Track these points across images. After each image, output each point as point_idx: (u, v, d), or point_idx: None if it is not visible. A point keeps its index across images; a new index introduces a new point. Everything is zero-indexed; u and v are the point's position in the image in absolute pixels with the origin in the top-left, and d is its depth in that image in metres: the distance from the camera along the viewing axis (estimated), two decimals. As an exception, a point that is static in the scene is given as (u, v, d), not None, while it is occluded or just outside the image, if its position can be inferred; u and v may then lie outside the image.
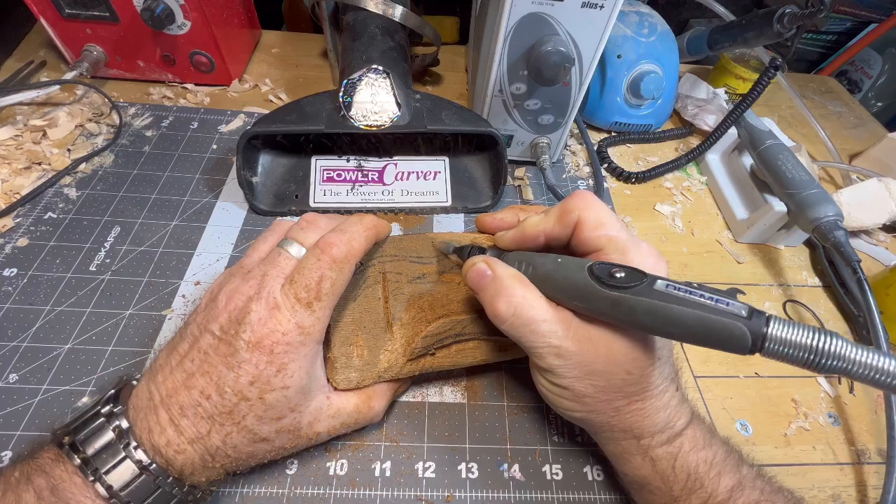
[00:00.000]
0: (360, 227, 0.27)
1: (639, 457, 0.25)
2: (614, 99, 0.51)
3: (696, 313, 0.19)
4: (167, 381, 0.23)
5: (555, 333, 0.23)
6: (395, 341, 0.29)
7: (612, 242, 0.25)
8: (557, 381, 0.25)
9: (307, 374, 0.24)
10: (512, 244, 0.29)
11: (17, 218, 0.38)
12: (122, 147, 0.45)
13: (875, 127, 0.62)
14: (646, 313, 0.20)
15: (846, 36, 0.78)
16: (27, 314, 0.33)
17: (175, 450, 0.22)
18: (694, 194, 0.49)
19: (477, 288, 0.26)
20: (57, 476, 0.20)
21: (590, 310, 0.23)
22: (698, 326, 0.19)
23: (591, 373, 0.24)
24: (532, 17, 0.35)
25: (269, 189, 0.41)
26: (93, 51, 0.47)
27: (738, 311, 0.19)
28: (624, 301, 0.21)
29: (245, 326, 0.23)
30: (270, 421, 0.24)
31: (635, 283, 0.21)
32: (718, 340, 0.19)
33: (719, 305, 0.19)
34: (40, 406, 0.29)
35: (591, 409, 0.25)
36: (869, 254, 0.46)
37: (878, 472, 0.32)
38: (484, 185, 0.44)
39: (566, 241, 0.27)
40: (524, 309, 0.24)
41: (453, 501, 0.28)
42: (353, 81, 0.37)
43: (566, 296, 0.24)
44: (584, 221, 0.26)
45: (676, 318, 0.20)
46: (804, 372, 0.36)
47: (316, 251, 0.25)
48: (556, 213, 0.27)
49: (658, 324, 0.20)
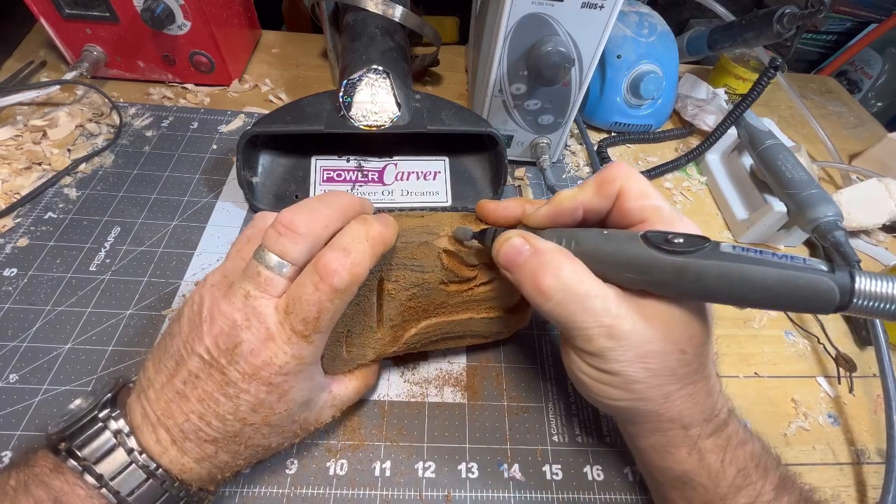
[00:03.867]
0: (365, 245, 0.23)
1: (684, 449, 0.23)
2: (614, 99, 0.51)
3: (775, 271, 0.18)
4: (159, 400, 0.22)
5: (608, 311, 0.21)
6: (384, 338, 0.29)
7: (657, 213, 0.23)
8: (606, 365, 0.22)
9: (309, 390, 0.24)
10: (545, 220, 0.26)
11: (18, 218, 0.38)
12: (122, 147, 0.45)
13: (875, 127, 0.62)
14: (718, 277, 0.19)
15: (846, 36, 0.78)
16: (27, 314, 0.33)
17: (180, 469, 0.21)
18: (694, 194, 0.49)
19: (512, 265, 0.23)
20: (58, 488, 0.19)
21: (648, 282, 0.21)
22: (780, 286, 0.18)
23: (645, 354, 0.21)
24: (532, 17, 0.35)
25: (269, 189, 0.41)
26: (93, 51, 0.47)
27: (818, 266, 0.18)
28: (691, 266, 0.19)
29: (237, 357, 0.21)
30: (277, 435, 0.24)
31: (699, 247, 0.19)
32: (802, 298, 0.18)
33: (796, 262, 0.18)
34: (40, 406, 0.29)
35: (640, 397, 0.22)
36: (868, 254, 0.46)
37: (877, 472, 0.32)
38: (484, 185, 0.44)
39: (604, 215, 0.25)
40: (574, 283, 0.21)
41: (453, 501, 0.28)
42: (353, 81, 0.37)
43: (620, 269, 0.22)
44: (628, 191, 0.23)
45: (754, 278, 0.18)
46: (804, 372, 0.37)
47: (314, 277, 0.21)
48: (593, 184, 0.24)
49: (733, 287, 0.19)
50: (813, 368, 0.37)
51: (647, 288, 0.21)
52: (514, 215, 0.28)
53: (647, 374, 0.22)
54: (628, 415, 0.24)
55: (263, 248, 0.22)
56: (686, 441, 0.23)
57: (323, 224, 0.23)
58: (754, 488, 0.22)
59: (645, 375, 0.22)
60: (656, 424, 0.23)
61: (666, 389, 0.22)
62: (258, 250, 0.22)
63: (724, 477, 0.22)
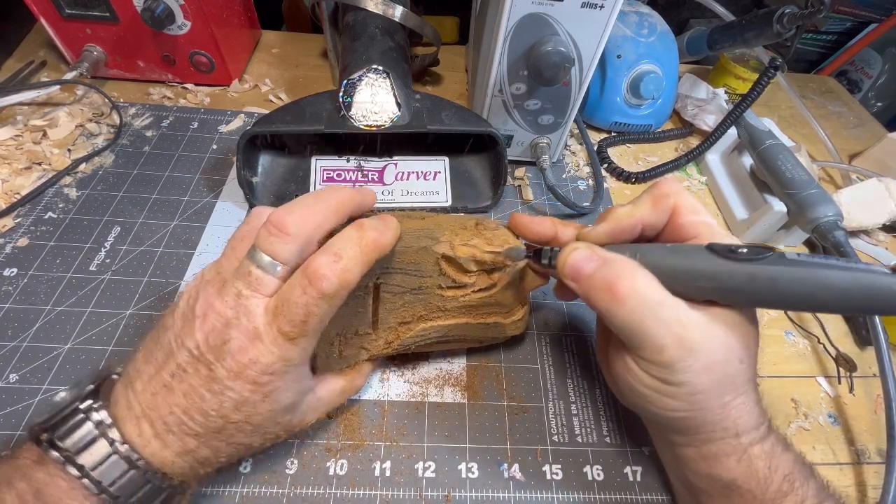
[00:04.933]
0: (356, 250, 0.22)
1: (734, 457, 0.23)
2: (614, 99, 0.51)
3: (849, 275, 0.18)
4: (145, 392, 0.22)
5: (679, 321, 0.21)
6: (377, 339, 0.29)
7: (710, 229, 0.24)
8: (673, 376, 0.22)
9: (294, 392, 0.24)
10: (605, 237, 0.26)
11: (18, 218, 0.38)
12: (123, 147, 0.45)
13: (875, 127, 0.62)
14: (791, 282, 0.19)
15: (846, 36, 0.78)
16: (27, 314, 0.33)
17: (161, 462, 0.21)
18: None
19: (579, 276, 0.23)
20: (39, 480, 0.20)
21: (718, 289, 0.21)
22: (855, 288, 0.18)
23: (711, 364, 0.22)
24: (532, 17, 0.35)
25: (269, 189, 0.41)
26: (93, 51, 0.47)
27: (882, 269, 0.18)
28: (763, 272, 0.20)
29: (225, 354, 0.21)
30: (260, 435, 0.24)
31: (766, 255, 0.20)
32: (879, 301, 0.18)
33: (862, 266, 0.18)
34: (40, 406, 0.29)
35: (701, 408, 0.22)
36: (868, 254, 0.46)
37: (877, 472, 0.32)
38: (484, 185, 0.44)
39: (659, 231, 0.26)
40: (649, 291, 0.22)
41: (453, 501, 0.28)
42: (353, 81, 0.38)
43: (688, 279, 0.22)
44: (683, 206, 0.24)
45: (829, 282, 0.18)
46: (804, 372, 0.37)
47: (303, 281, 0.21)
48: (649, 200, 0.25)
49: (807, 291, 0.19)
50: (813, 368, 0.37)
51: (715, 297, 0.22)
52: (548, 232, 0.29)
53: (711, 384, 0.22)
54: (682, 425, 0.24)
55: (256, 247, 0.22)
56: (736, 449, 0.23)
57: (315, 224, 0.23)
58: (798, 494, 0.22)
59: (708, 385, 0.22)
60: (710, 434, 0.23)
61: (725, 399, 0.22)
62: (251, 250, 0.22)
63: (772, 483, 0.22)
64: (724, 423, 0.23)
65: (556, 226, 0.29)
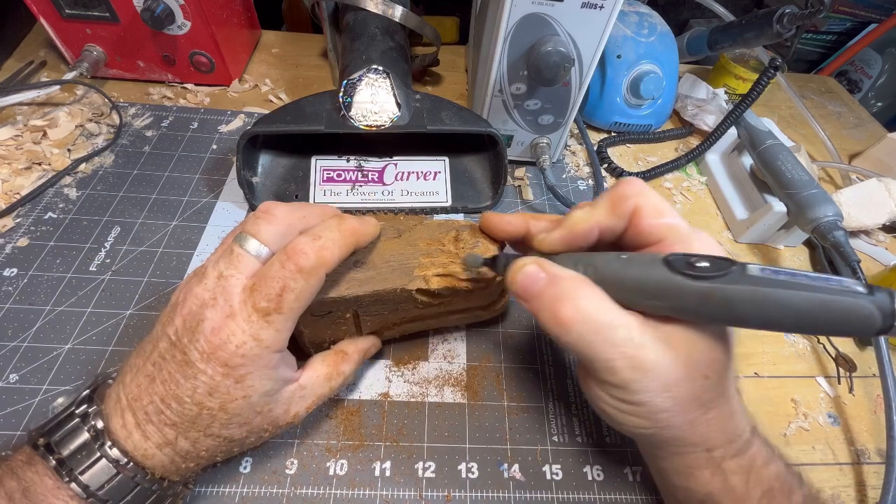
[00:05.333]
0: (335, 233, 0.23)
1: (708, 471, 0.22)
2: (614, 99, 0.51)
3: (809, 295, 0.17)
4: (132, 384, 0.22)
5: (631, 341, 0.20)
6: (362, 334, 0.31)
7: (674, 231, 0.22)
8: (631, 397, 0.21)
9: (270, 379, 0.23)
10: (560, 244, 0.25)
11: (18, 218, 0.38)
12: (123, 147, 0.45)
13: (875, 127, 0.62)
14: (747, 302, 0.18)
15: (846, 36, 0.78)
16: (27, 314, 0.33)
17: (143, 454, 0.21)
18: (694, 194, 0.49)
19: (528, 295, 0.23)
20: (28, 479, 0.20)
21: (672, 308, 0.20)
22: (815, 310, 0.17)
23: (670, 384, 0.21)
24: (532, 17, 0.35)
25: (269, 189, 0.41)
26: (93, 51, 0.47)
27: (854, 287, 0.17)
28: (718, 292, 0.18)
29: (198, 335, 0.21)
30: (239, 426, 0.23)
31: (725, 272, 0.18)
32: (840, 323, 0.17)
33: (831, 284, 0.17)
34: (40, 406, 0.29)
35: (666, 425, 0.22)
36: (868, 254, 0.46)
37: (877, 473, 0.32)
38: (484, 185, 0.44)
39: (619, 235, 0.24)
40: (595, 313, 0.21)
41: (453, 501, 0.28)
42: (353, 81, 0.38)
43: (640, 296, 0.21)
44: (643, 209, 0.23)
45: (787, 303, 0.17)
46: (804, 372, 0.37)
47: (282, 257, 0.22)
48: (606, 202, 0.24)
49: (764, 313, 0.18)
50: (813, 368, 0.37)
51: (671, 314, 0.21)
52: (518, 231, 0.28)
53: (673, 403, 0.21)
54: (650, 440, 0.24)
55: (243, 232, 0.23)
56: (710, 463, 0.22)
57: (300, 216, 0.24)
58: None
59: (671, 405, 0.21)
60: (680, 448, 0.23)
61: (691, 416, 0.22)
62: (238, 235, 0.23)
63: (749, 499, 0.22)
64: (693, 439, 0.22)
65: (527, 222, 0.27)
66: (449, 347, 0.35)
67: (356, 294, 0.26)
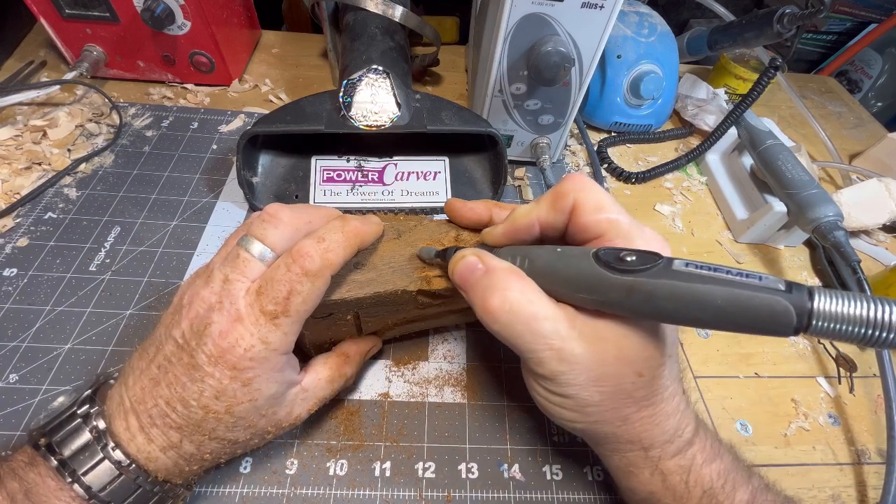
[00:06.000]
0: (339, 235, 0.23)
1: (647, 471, 0.23)
2: (614, 99, 0.51)
3: (727, 290, 0.17)
4: (135, 386, 0.22)
5: (557, 333, 0.21)
6: None
7: (614, 226, 0.22)
8: (559, 389, 0.22)
9: (276, 382, 0.23)
10: (503, 238, 0.26)
11: (18, 218, 0.38)
12: (122, 147, 0.45)
13: (875, 127, 0.62)
14: (668, 297, 0.18)
15: (846, 36, 0.78)
16: (27, 314, 0.33)
17: (146, 457, 0.21)
18: (694, 194, 0.49)
19: (465, 285, 0.23)
20: (30, 480, 0.20)
21: (599, 301, 0.20)
22: (731, 306, 0.17)
23: (599, 378, 0.21)
24: (532, 17, 0.35)
25: (269, 189, 0.41)
26: (93, 51, 0.47)
27: (775, 285, 0.16)
28: (641, 286, 0.18)
29: (206, 338, 0.21)
30: (243, 429, 0.23)
31: (650, 266, 0.18)
32: (756, 320, 0.16)
33: (751, 281, 0.17)
34: (40, 406, 0.29)
35: (596, 420, 0.22)
36: (869, 254, 0.46)
37: (877, 473, 0.32)
38: (484, 185, 0.44)
39: (562, 230, 0.24)
40: (522, 305, 0.21)
41: (453, 501, 0.28)
42: (353, 81, 0.37)
43: (570, 288, 0.21)
44: (582, 204, 0.23)
45: (705, 298, 0.17)
46: (804, 372, 0.37)
47: (287, 260, 0.22)
48: (548, 198, 0.24)
49: (683, 308, 0.18)
50: (813, 368, 0.37)
51: (599, 308, 0.21)
52: (480, 218, 0.28)
53: (602, 397, 0.21)
54: (587, 436, 0.24)
55: (247, 235, 0.23)
56: (647, 463, 0.23)
57: (305, 220, 0.24)
58: None
59: (599, 399, 0.21)
60: (616, 446, 0.23)
61: (623, 412, 0.22)
62: (243, 237, 0.23)
63: (690, 498, 0.22)
64: (628, 437, 0.22)
65: (490, 210, 0.28)
66: (449, 347, 0.35)
67: (357, 296, 0.26)
